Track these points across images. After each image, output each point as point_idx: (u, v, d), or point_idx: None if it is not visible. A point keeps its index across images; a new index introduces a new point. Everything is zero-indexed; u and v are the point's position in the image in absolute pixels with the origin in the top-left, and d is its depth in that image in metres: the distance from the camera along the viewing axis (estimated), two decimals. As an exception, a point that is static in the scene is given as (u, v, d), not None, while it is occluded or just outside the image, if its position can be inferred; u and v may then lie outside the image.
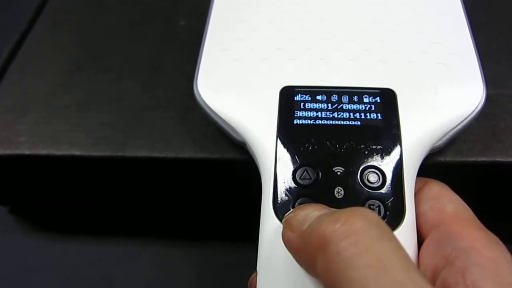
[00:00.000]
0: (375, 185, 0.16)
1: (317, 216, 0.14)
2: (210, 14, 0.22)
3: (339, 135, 0.17)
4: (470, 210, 0.16)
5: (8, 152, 0.22)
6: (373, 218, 0.13)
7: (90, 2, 0.29)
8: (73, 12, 0.29)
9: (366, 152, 0.16)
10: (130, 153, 0.22)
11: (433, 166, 0.19)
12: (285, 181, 0.16)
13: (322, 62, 0.19)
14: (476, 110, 0.18)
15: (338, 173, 0.16)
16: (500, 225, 0.17)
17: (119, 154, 0.22)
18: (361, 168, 0.16)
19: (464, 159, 0.20)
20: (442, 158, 0.20)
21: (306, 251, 0.13)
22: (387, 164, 0.16)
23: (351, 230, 0.12)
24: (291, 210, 0.15)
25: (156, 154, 0.21)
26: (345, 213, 0.13)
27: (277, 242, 0.16)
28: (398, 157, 0.16)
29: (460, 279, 0.13)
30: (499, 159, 0.20)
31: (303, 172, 0.16)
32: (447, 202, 0.16)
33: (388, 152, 0.16)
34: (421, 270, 0.15)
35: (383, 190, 0.16)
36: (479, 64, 0.19)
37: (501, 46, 0.24)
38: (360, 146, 0.17)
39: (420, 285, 0.11)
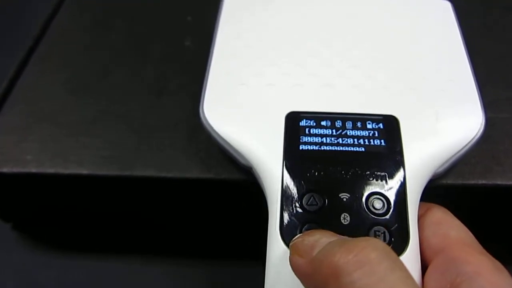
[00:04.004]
0: (380, 212, 0.16)
1: (327, 243, 0.14)
2: (215, 38, 0.22)
3: (344, 161, 0.17)
4: (472, 236, 0.17)
5: (15, 170, 0.23)
6: (384, 249, 0.13)
7: (95, 20, 0.30)
8: (79, 30, 0.29)
9: (371, 179, 0.17)
10: (137, 172, 0.22)
11: (435, 189, 0.20)
12: (292, 206, 0.17)
13: (326, 87, 0.20)
14: (477, 136, 0.18)
15: (344, 200, 0.17)
16: (501, 248, 0.17)
17: (127, 173, 0.22)
18: (366, 195, 0.17)
19: (465, 182, 0.20)
20: (443, 181, 0.20)
21: (316, 278, 0.14)
22: (391, 191, 0.17)
23: (364, 261, 0.12)
24: (299, 235, 0.16)
25: (163, 174, 0.22)
26: (357, 244, 0.13)
27: (284, 266, 0.16)
28: (401, 183, 0.17)
29: None
30: (499, 182, 0.20)
31: (310, 198, 0.17)
32: (450, 228, 0.17)
33: (392, 179, 0.17)
34: None
35: (388, 216, 0.16)
36: (478, 91, 0.20)
37: (498, 70, 0.25)
38: (365, 173, 0.17)
39: None
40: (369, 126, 0.18)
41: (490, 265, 0.15)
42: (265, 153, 0.18)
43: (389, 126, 0.18)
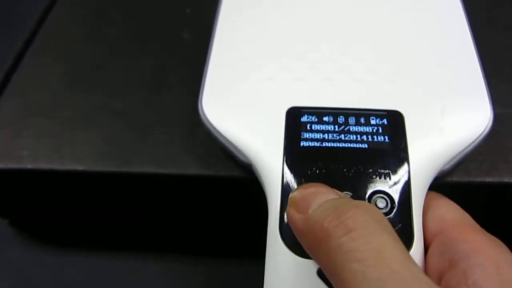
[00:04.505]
0: (383, 211, 0.16)
1: (323, 202, 0.14)
2: (215, 32, 0.22)
3: (347, 158, 0.17)
4: (469, 216, 0.17)
5: (11, 166, 0.22)
6: (374, 214, 0.13)
7: (92, 13, 0.29)
8: (75, 23, 0.29)
9: (374, 177, 0.16)
10: (135, 169, 0.21)
11: (440, 187, 0.19)
12: (292, 205, 0.16)
13: (328, 82, 0.19)
14: (485, 132, 0.18)
15: None
16: (508, 246, 0.17)
17: (124, 170, 0.21)
18: (369, 193, 0.16)
19: (471, 179, 0.20)
20: (449, 178, 0.20)
21: (309, 238, 0.14)
22: (395, 189, 0.16)
23: (353, 225, 0.13)
24: (297, 188, 0.16)
25: (161, 171, 0.21)
26: (349, 209, 0.13)
27: (284, 265, 0.16)
28: (406, 182, 0.16)
29: (462, 279, 0.14)
30: (506, 179, 0.20)
31: None
32: (446, 210, 0.17)
33: (396, 177, 0.16)
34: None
35: (391, 216, 0.16)
36: (486, 86, 0.19)
37: (507, 65, 0.24)
38: (368, 171, 0.16)
39: (415, 274, 0.12)
40: (372, 122, 0.18)
41: (488, 241, 0.15)
42: (265, 150, 0.17)
43: (394, 122, 0.18)
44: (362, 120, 0.18)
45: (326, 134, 0.17)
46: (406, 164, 0.17)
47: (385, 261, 0.12)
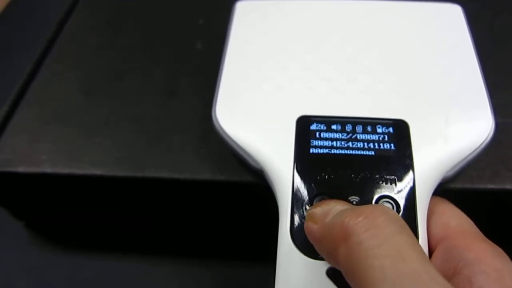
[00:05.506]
0: None
1: (340, 210, 0.15)
2: (228, 42, 0.23)
3: (354, 165, 0.18)
4: (472, 223, 0.17)
5: (30, 170, 0.23)
6: (393, 215, 0.14)
7: (108, 23, 0.30)
8: (91, 33, 0.30)
9: (381, 182, 0.17)
10: (149, 174, 0.22)
11: (443, 193, 0.20)
12: (302, 209, 0.17)
13: (337, 92, 0.20)
14: (486, 141, 0.19)
15: (354, 203, 0.17)
16: (509, 252, 0.17)
17: (139, 174, 0.22)
18: (375, 198, 0.17)
19: (474, 186, 0.21)
20: (452, 185, 0.20)
21: (328, 241, 0.14)
22: (400, 194, 0.17)
23: (372, 223, 0.13)
24: (314, 204, 0.16)
25: (175, 176, 0.22)
26: (367, 209, 0.14)
27: (295, 269, 0.16)
28: (411, 187, 0.17)
29: (467, 286, 0.14)
30: (508, 186, 0.21)
31: (320, 200, 0.17)
32: (450, 217, 0.17)
33: (401, 183, 0.17)
34: None
35: None
36: (487, 95, 0.20)
37: (508, 76, 0.25)
38: (374, 176, 0.17)
39: (433, 276, 0.12)
40: (379, 130, 0.18)
41: (490, 250, 0.15)
42: (276, 156, 0.18)
43: (399, 130, 0.18)
44: (369, 128, 0.18)
45: (334, 142, 0.18)
46: (411, 171, 0.17)
47: (405, 260, 0.12)
